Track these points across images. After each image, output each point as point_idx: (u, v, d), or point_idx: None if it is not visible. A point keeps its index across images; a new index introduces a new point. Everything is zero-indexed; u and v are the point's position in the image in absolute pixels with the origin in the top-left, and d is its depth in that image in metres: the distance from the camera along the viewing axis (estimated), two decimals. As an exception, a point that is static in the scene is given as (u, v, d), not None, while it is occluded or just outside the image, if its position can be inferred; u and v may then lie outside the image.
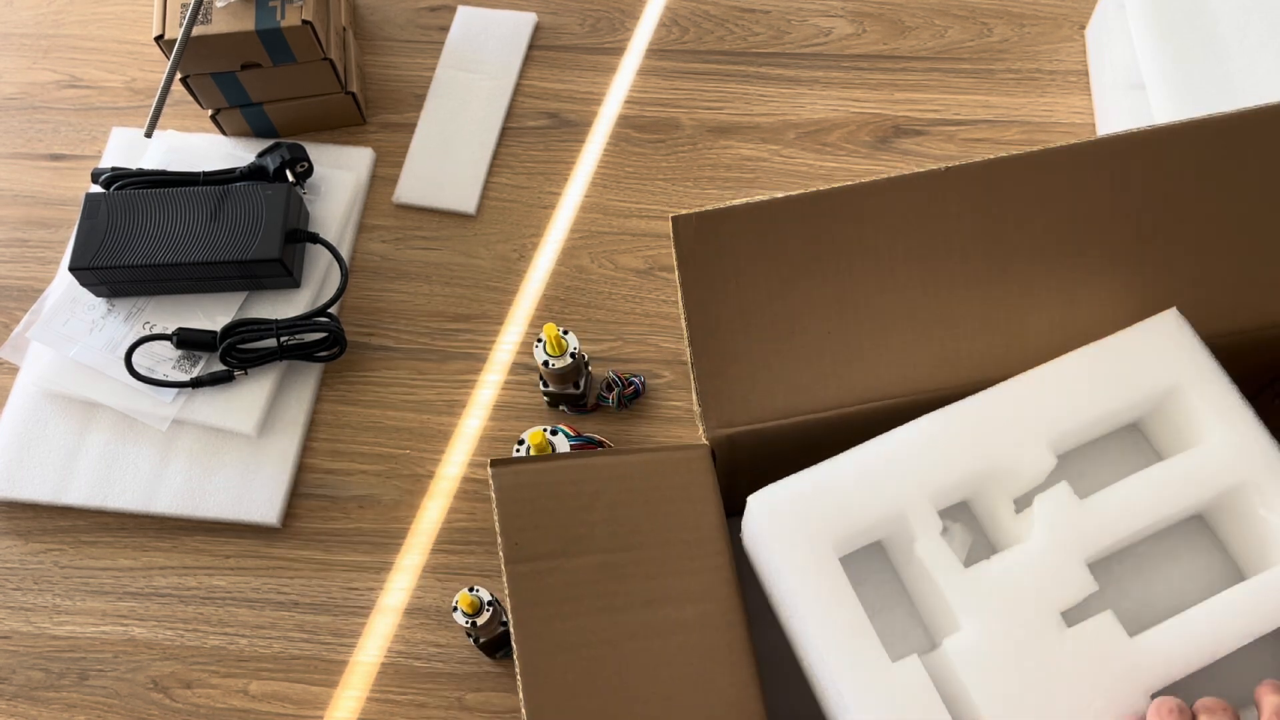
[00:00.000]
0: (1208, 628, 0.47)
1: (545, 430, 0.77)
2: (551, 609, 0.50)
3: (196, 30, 0.83)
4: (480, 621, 0.68)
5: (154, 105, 0.84)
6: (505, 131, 0.94)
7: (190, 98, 0.90)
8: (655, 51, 0.97)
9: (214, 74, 0.87)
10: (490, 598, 0.69)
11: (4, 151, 0.97)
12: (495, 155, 0.93)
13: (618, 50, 0.98)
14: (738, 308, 0.54)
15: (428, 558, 0.79)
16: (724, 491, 0.53)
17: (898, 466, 0.50)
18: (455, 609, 0.68)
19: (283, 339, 0.82)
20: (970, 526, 0.53)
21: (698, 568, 0.51)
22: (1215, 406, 0.51)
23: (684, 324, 0.54)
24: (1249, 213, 0.55)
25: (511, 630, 0.50)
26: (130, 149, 0.94)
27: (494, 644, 0.73)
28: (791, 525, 0.49)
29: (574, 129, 0.94)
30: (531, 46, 0.98)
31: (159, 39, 0.83)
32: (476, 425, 0.84)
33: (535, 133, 0.94)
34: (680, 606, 0.50)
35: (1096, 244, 0.55)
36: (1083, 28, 0.95)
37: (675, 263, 0.54)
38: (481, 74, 0.96)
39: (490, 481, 0.52)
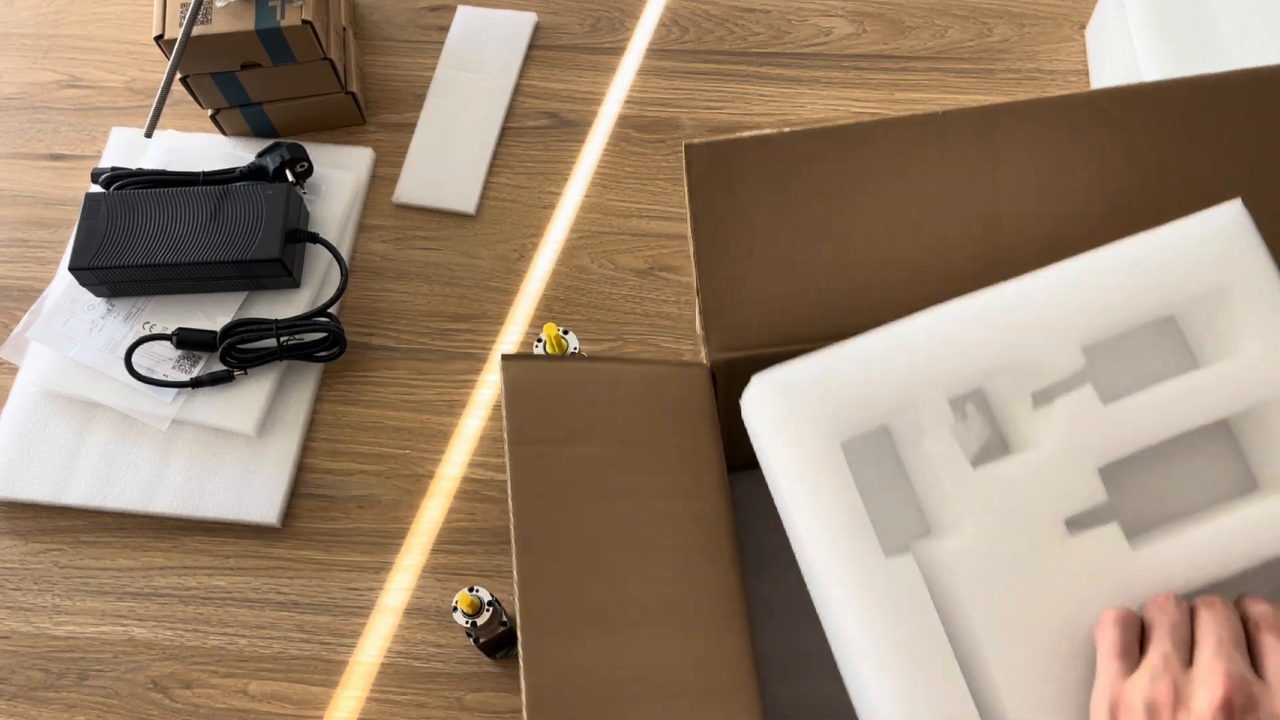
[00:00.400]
0: (1215, 546, 0.45)
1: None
2: (548, 489, 0.51)
3: (196, 30, 0.83)
4: (480, 621, 0.68)
5: (154, 105, 0.84)
6: (505, 131, 0.94)
7: (190, 98, 0.90)
8: (655, 51, 0.97)
9: (214, 74, 0.87)
10: (490, 598, 0.69)
11: (4, 151, 0.97)
12: (495, 155, 0.93)
13: (618, 50, 0.98)
14: (744, 235, 0.55)
15: (428, 558, 0.79)
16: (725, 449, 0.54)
17: (914, 354, 0.48)
18: (455, 609, 0.68)
19: (283, 339, 0.82)
20: (985, 413, 0.50)
21: (690, 468, 0.52)
22: (1262, 313, 0.47)
23: (692, 250, 0.56)
24: (1244, 165, 0.55)
25: (510, 507, 0.51)
26: (130, 149, 0.94)
27: (494, 644, 0.72)
28: (793, 407, 0.48)
29: (574, 129, 0.94)
30: (531, 46, 0.98)
31: (159, 39, 0.83)
32: (476, 425, 0.84)
33: (535, 133, 0.94)
34: (671, 502, 0.52)
35: (1088, 186, 0.56)
36: (1083, 28, 0.95)
37: (685, 189, 0.56)
38: (481, 74, 0.96)
39: (500, 375, 0.54)
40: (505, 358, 0.54)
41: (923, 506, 0.48)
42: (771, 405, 0.48)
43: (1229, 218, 0.49)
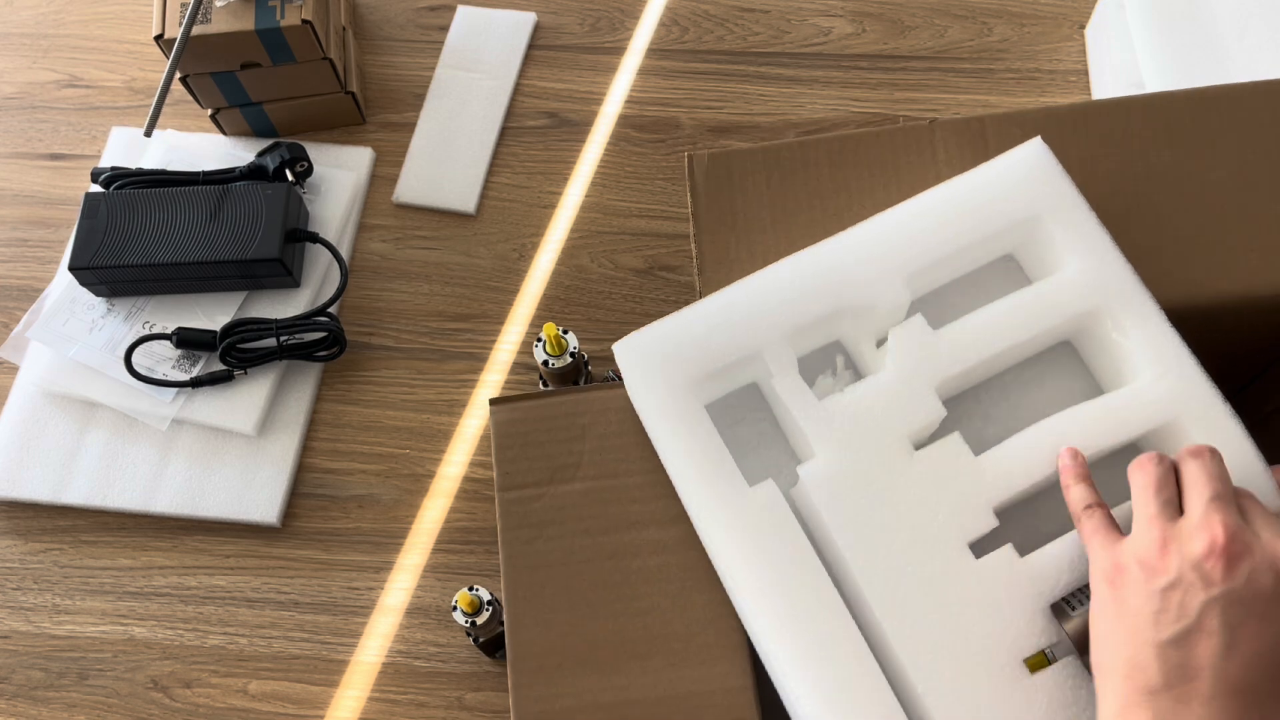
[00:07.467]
0: (1047, 444, 0.49)
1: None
2: (536, 531, 0.52)
3: (196, 30, 0.83)
4: (480, 621, 0.68)
5: (154, 105, 0.84)
6: (505, 131, 0.94)
7: (190, 97, 0.90)
8: (655, 51, 0.97)
9: (214, 73, 0.87)
10: (490, 597, 0.69)
11: (4, 151, 0.97)
12: (495, 155, 0.93)
13: (618, 50, 0.98)
14: (744, 238, 0.58)
15: (428, 558, 0.79)
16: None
17: (754, 308, 0.52)
18: (455, 609, 0.68)
19: (282, 339, 0.82)
20: (845, 357, 0.55)
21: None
22: (1072, 234, 0.52)
23: (694, 252, 0.58)
24: (1241, 179, 0.56)
25: (500, 551, 0.52)
26: (130, 149, 0.94)
27: (494, 644, 0.73)
28: (652, 366, 0.52)
29: (574, 129, 0.94)
30: (531, 46, 0.98)
31: (159, 38, 0.83)
32: (476, 425, 0.84)
33: (535, 132, 0.94)
34: (662, 528, 0.52)
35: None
36: (1083, 28, 0.95)
37: (688, 195, 0.59)
38: (481, 74, 0.96)
39: (489, 419, 0.54)
40: (493, 402, 0.55)
41: (790, 441, 0.53)
42: (632, 368, 0.52)
43: (1032, 154, 0.53)
